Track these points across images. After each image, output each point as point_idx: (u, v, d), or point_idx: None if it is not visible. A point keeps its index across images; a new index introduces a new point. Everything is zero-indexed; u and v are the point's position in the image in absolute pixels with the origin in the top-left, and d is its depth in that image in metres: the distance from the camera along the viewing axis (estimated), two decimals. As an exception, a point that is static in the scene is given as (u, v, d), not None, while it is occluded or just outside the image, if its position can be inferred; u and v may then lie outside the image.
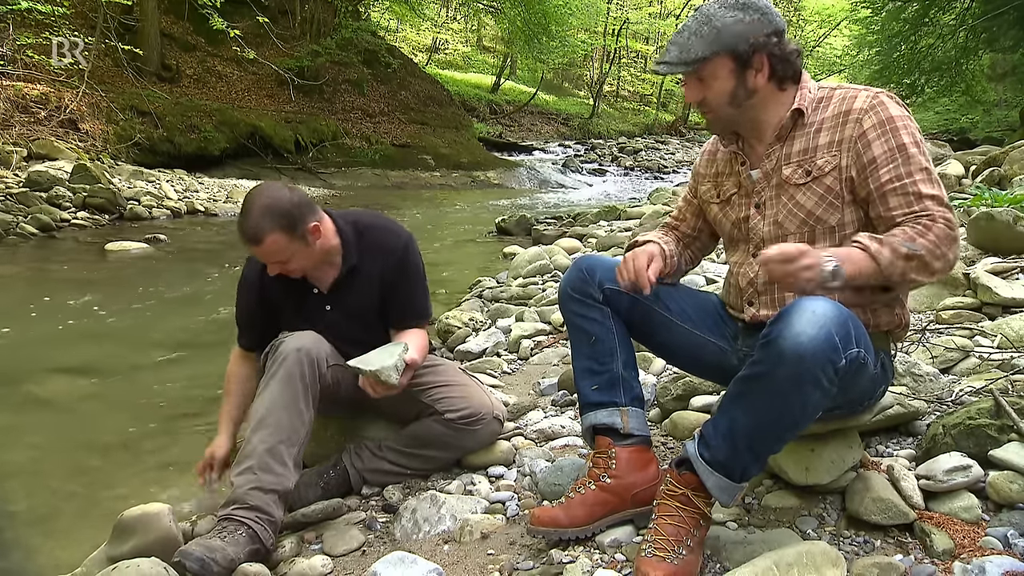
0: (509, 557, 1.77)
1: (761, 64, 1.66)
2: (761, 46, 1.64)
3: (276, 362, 2.09)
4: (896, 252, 1.52)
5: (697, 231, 2.01)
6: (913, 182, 1.57)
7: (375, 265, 2.27)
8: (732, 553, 1.62)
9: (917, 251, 1.51)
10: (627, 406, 1.80)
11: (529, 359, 3.47)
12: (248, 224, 2.05)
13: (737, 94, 1.68)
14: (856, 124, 1.63)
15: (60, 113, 11.67)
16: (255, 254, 2.14)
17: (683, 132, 31.89)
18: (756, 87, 1.68)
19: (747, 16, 1.62)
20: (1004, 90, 19.53)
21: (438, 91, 21.96)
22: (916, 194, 1.57)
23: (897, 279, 1.54)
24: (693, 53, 1.64)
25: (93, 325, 4.75)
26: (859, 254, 1.52)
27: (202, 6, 12.94)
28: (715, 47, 1.63)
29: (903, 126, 1.60)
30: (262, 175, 14.08)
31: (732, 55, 1.64)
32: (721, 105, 1.70)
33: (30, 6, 9.99)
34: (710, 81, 1.67)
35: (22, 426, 3.14)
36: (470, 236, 9.12)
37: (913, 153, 1.58)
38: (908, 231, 1.55)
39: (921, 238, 1.53)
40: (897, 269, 1.52)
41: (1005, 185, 5.50)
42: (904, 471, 1.73)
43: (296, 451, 2.04)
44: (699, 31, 1.64)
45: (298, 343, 2.11)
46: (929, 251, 1.52)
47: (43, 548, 2.21)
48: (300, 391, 2.06)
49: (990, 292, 2.89)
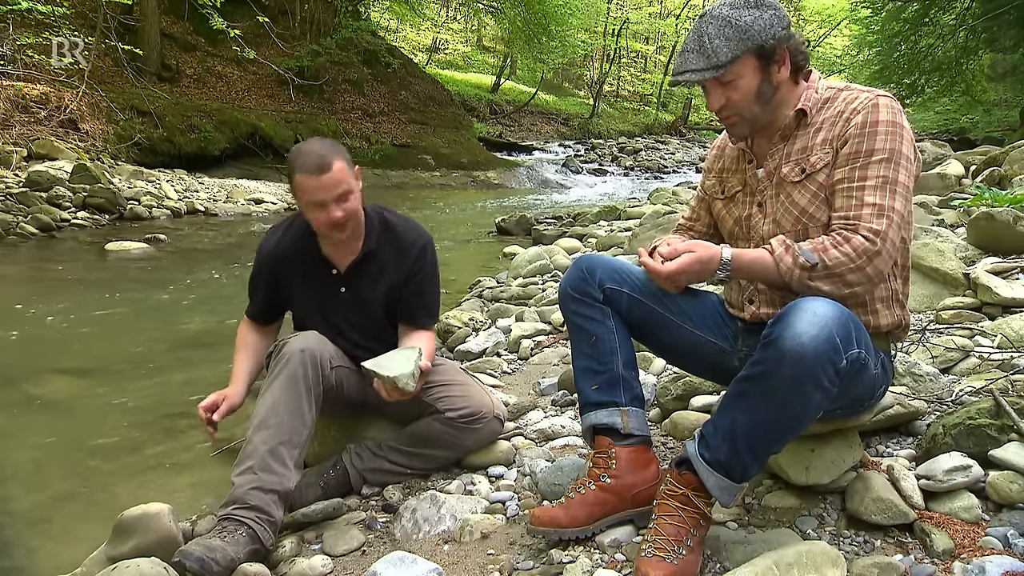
0: (509, 557, 1.77)
1: (783, 58, 1.66)
2: (783, 40, 1.64)
3: (280, 363, 2.09)
4: (796, 260, 1.54)
5: (712, 228, 2.00)
6: (861, 187, 1.57)
7: (393, 258, 2.30)
8: (732, 553, 1.62)
9: (814, 261, 1.53)
10: (627, 406, 1.80)
11: (529, 359, 3.47)
12: (316, 154, 2.06)
13: (763, 91, 1.67)
14: (845, 123, 1.63)
15: (60, 113, 11.66)
16: (321, 186, 2.06)
17: (683, 132, 31.90)
18: (779, 82, 1.68)
19: (764, 13, 1.62)
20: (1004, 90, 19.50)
21: (438, 91, 21.96)
22: (858, 200, 1.56)
23: (798, 287, 1.56)
24: (721, 57, 1.61)
25: (93, 325, 4.75)
26: (758, 256, 1.59)
27: (202, 6, 12.93)
28: (743, 47, 1.61)
29: (885, 132, 1.58)
30: (262, 175, 14.09)
31: (757, 53, 1.63)
32: (749, 105, 1.67)
33: (30, 6, 9.98)
34: (737, 83, 1.65)
35: (22, 426, 3.14)
36: (470, 236, 9.12)
37: (878, 159, 1.57)
38: (825, 240, 1.56)
39: (835, 248, 1.54)
40: (795, 276, 1.55)
41: (1005, 185, 5.50)
42: (904, 471, 1.74)
43: (297, 453, 2.04)
44: (721, 34, 1.61)
45: (302, 344, 2.11)
46: (840, 263, 1.53)
47: (43, 548, 2.21)
48: (303, 393, 2.06)
49: (990, 292, 2.89)
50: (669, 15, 35.31)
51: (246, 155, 14.84)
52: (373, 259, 2.29)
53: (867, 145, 1.58)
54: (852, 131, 1.60)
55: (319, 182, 2.06)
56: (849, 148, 1.60)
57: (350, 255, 2.29)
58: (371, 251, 2.28)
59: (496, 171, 18.37)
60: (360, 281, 2.30)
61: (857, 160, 1.58)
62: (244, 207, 11.05)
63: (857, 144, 1.59)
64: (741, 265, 1.61)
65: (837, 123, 1.65)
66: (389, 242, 2.31)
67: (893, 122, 1.59)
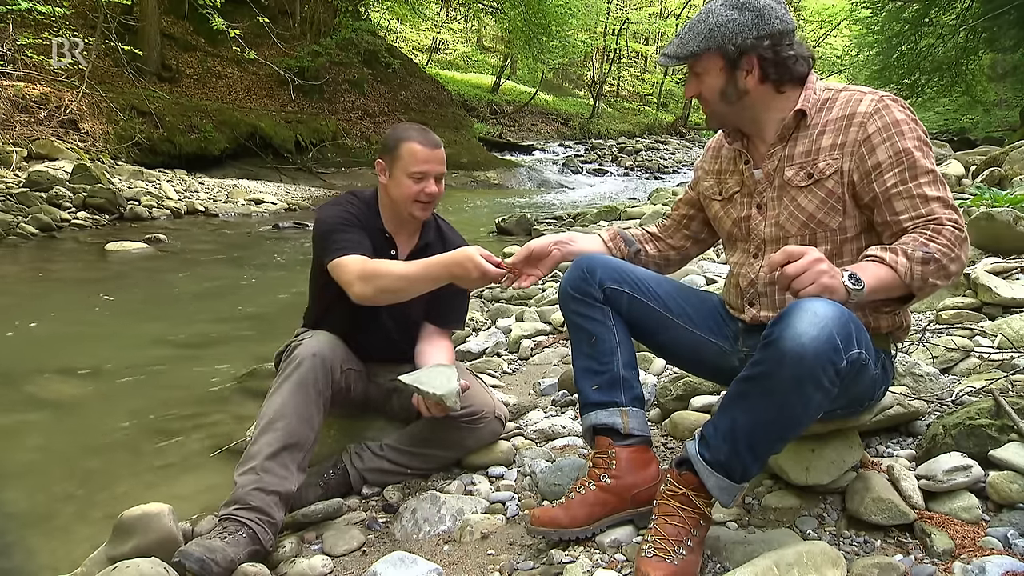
0: (509, 557, 1.76)
1: (751, 66, 1.67)
2: (749, 48, 1.65)
3: (291, 365, 2.09)
4: (912, 259, 1.51)
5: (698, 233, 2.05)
6: (918, 185, 1.57)
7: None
8: (732, 553, 1.62)
9: (933, 255, 1.51)
10: (627, 406, 1.80)
11: (529, 359, 3.47)
12: (429, 134, 2.25)
13: (727, 92, 1.70)
14: (860, 128, 1.62)
15: (60, 113, 11.66)
16: (432, 157, 2.21)
17: (683, 132, 31.89)
18: (747, 88, 1.69)
19: (742, 16, 1.63)
20: (1004, 90, 19.53)
21: (438, 91, 21.96)
22: (922, 197, 1.57)
23: (919, 285, 1.52)
24: (687, 48, 1.69)
25: (93, 325, 4.75)
26: (874, 266, 1.51)
27: (202, 6, 12.93)
28: (706, 44, 1.66)
29: (908, 130, 1.60)
30: (262, 175, 14.10)
31: (721, 54, 1.66)
32: (714, 101, 1.73)
33: (30, 6, 9.98)
34: (704, 76, 1.71)
35: (22, 426, 3.14)
36: (470, 236, 9.02)
37: (918, 157, 1.58)
38: (919, 237, 1.54)
39: (933, 242, 1.52)
40: (917, 275, 1.51)
41: (1005, 185, 5.50)
42: (904, 471, 1.74)
43: (302, 456, 2.04)
44: (695, 27, 1.68)
45: (314, 348, 2.10)
46: (944, 254, 1.52)
47: (43, 548, 2.21)
48: (312, 397, 2.06)
49: (990, 292, 2.89)
50: (669, 15, 35.30)
51: (246, 155, 14.83)
52: (427, 253, 2.27)
53: (902, 145, 1.59)
54: (876, 138, 1.60)
55: (432, 154, 2.20)
56: (885, 154, 1.59)
57: (410, 243, 2.35)
58: (429, 243, 2.35)
59: (496, 171, 18.37)
60: None
61: (901, 163, 1.58)
62: (244, 207, 11.05)
63: (890, 148, 1.59)
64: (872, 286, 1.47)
65: (847, 128, 1.64)
66: (440, 242, 2.38)
67: (908, 119, 1.62)
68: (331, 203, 2.33)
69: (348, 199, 2.34)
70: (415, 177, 2.19)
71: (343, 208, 2.27)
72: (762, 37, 1.65)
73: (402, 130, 2.25)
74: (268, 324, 4.77)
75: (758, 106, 1.72)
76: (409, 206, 2.22)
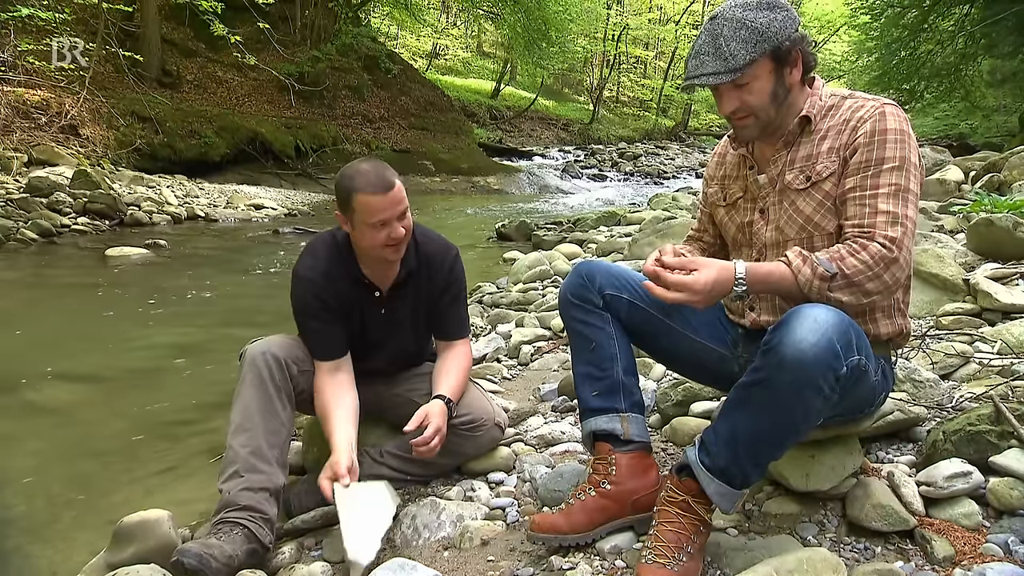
0: (509, 563, 1.76)
1: (796, 59, 1.66)
2: (797, 41, 1.64)
3: (244, 367, 2.11)
4: (816, 272, 1.52)
5: (719, 237, 1.99)
6: (874, 195, 1.56)
7: (427, 276, 2.27)
8: (732, 559, 1.62)
9: (833, 271, 1.51)
10: (627, 412, 1.80)
11: (529, 365, 3.47)
12: (375, 173, 2.02)
13: (778, 93, 1.66)
14: (852, 132, 1.63)
15: (61, 119, 11.68)
16: (388, 203, 2.01)
17: (683, 137, 31.99)
18: (792, 83, 1.67)
19: (778, 14, 1.61)
20: (1003, 95, 19.55)
21: (438, 96, 22.01)
22: (872, 208, 1.56)
23: (817, 298, 1.53)
24: (739, 60, 1.58)
25: (93, 331, 4.74)
26: (773, 266, 1.56)
27: (203, 12, 12.98)
28: (760, 48, 1.58)
29: (894, 140, 1.58)
30: (262, 181, 14.13)
31: (773, 55, 1.61)
32: (764, 107, 1.65)
33: (31, 12, 10.01)
34: (752, 85, 1.63)
35: (21, 433, 3.14)
36: (470, 241, 9.12)
37: (889, 167, 1.57)
38: (842, 249, 1.55)
39: (852, 257, 1.52)
40: (815, 288, 1.53)
41: (1005, 191, 5.51)
42: (904, 477, 1.73)
43: (278, 451, 2.05)
44: (737, 37, 1.58)
45: (263, 347, 2.13)
46: (859, 271, 1.52)
47: (42, 555, 2.20)
48: (273, 392, 2.08)
49: (990, 298, 2.89)
50: (668, 21, 35.44)
51: (246, 161, 14.87)
52: (413, 278, 2.25)
53: (878, 154, 1.58)
54: (861, 140, 1.60)
55: (386, 199, 2.01)
56: (859, 157, 1.59)
57: (390, 276, 2.23)
58: (411, 271, 2.23)
59: (496, 176, 18.40)
60: (399, 302, 2.26)
61: (868, 168, 1.58)
62: (244, 213, 11.06)
63: (867, 153, 1.59)
64: (757, 279, 1.56)
65: (843, 132, 1.64)
66: (425, 259, 2.26)
67: (901, 130, 1.59)
68: (300, 260, 2.21)
69: (323, 248, 2.21)
70: (376, 227, 2.03)
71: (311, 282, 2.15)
72: (798, 29, 1.65)
73: (348, 179, 2.03)
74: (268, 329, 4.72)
75: (793, 103, 1.70)
76: (380, 252, 2.09)
